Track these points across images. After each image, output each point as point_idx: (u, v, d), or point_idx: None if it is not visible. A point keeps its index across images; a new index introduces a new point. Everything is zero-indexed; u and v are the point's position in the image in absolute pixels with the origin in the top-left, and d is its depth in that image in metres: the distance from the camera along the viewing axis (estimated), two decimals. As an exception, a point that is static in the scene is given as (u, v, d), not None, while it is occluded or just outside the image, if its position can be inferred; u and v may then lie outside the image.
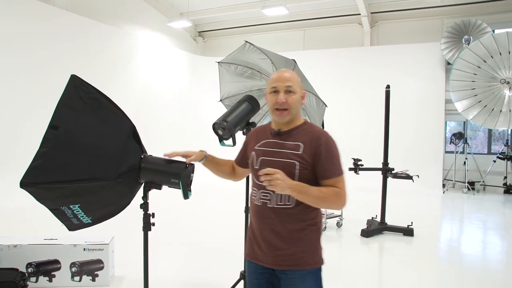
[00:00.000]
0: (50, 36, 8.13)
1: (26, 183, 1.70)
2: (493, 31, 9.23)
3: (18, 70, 7.49)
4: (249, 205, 2.49)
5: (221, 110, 3.08)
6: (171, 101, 11.62)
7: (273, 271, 1.69)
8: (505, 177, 9.38)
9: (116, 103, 1.92)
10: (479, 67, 8.25)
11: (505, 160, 9.29)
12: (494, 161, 9.35)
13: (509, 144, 9.40)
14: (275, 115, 1.68)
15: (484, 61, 8.16)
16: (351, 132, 10.54)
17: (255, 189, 1.72)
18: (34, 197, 1.77)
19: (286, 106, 1.64)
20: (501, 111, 8.18)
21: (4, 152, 7.02)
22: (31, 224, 5.38)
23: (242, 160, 1.96)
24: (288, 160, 1.61)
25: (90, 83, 1.86)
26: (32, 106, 7.49)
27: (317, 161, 1.59)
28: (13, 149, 7.04)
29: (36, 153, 1.71)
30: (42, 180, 1.71)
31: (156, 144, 8.79)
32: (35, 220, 5.31)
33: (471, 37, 9.40)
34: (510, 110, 8.05)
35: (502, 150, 9.49)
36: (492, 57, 8.04)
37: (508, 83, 8.08)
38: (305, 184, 1.55)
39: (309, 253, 1.65)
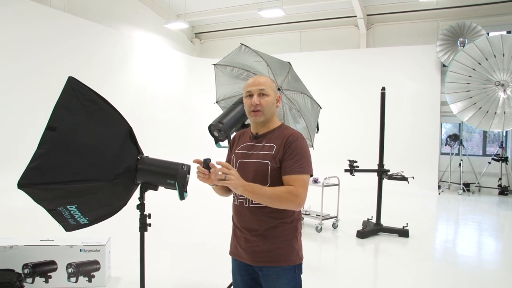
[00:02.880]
0: (46, 38, 8.13)
1: (24, 184, 1.72)
2: (488, 33, 9.31)
3: (14, 72, 7.47)
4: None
5: (217, 111, 3.11)
6: (167, 103, 11.62)
7: (253, 268, 1.76)
8: (500, 179, 9.45)
9: (113, 105, 1.94)
10: (474, 69, 8.32)
11: (500, 161, 9.35)
12: (489, 163, 9.42)
13: (503, 145, 9.47)
14: (251, 117, 1.76)
15: (479, 63, 8.23)
16: (347, 134, 10.60)
17: None
18: (32, 197, 1.78)
19: (259, 107, 1.72)
20: (495, 113, 8.24)
21: (2, 153, 7.01)
22: (28, 225, 5.37)
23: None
24: (261, 160, 1.70)
25: (87, 85, 1.88)
26: (30, 108, 7.49)
27: (282, 158, 1.68)
28: (12, 150, 7.04)
29: (34, 154, 1.73)
30: (39, 181, 1.73)
31: (152, 145, 8.84)
32: (32, 221, 5.31)
33: (466, 39, 9.49)
34: (504, 112, 8.12)
35: (497, 151, 9.55)
36: (487, 60, 8.11)
37: (502, 85, 8.15)
38: (259, 185, 1.61)
39: (285, 250, 1.71)
